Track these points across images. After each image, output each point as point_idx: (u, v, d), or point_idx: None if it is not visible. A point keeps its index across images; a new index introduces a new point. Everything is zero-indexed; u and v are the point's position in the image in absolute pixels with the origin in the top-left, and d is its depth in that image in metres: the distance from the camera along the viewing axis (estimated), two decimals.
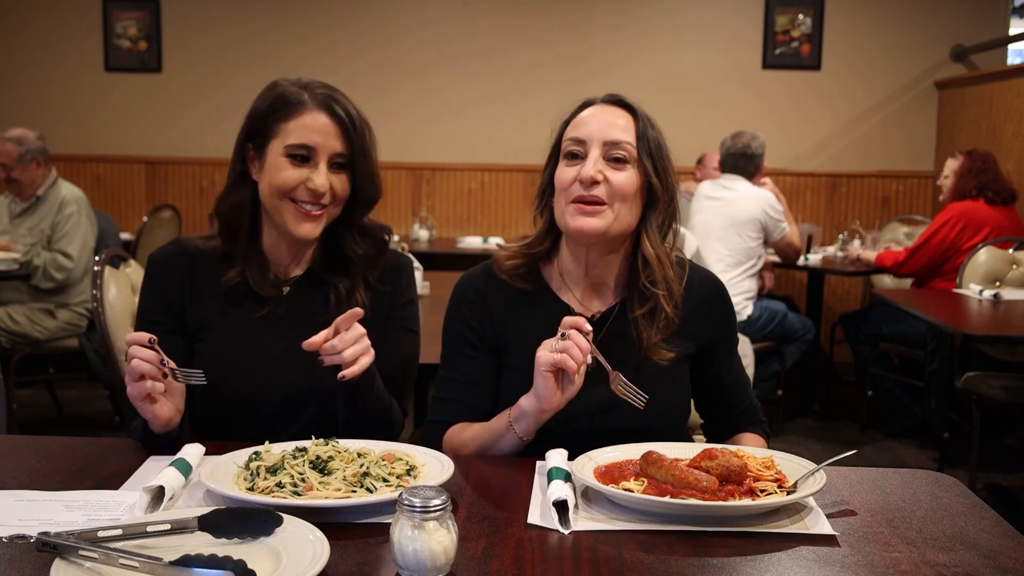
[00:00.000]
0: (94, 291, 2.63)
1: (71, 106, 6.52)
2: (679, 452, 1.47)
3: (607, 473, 1.43)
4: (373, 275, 1.78)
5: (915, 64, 6.27)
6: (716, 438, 1.80)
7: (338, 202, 1.72)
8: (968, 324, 3.58)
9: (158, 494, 1.34)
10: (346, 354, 1.53)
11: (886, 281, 5.37)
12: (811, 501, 1.39)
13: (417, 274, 3.46)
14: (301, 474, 1.35)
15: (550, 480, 1.37)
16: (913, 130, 6.31)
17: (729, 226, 4.56)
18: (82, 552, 1.10)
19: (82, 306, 4.32)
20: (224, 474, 1.39)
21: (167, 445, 1.59)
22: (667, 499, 1.31)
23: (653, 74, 6.27)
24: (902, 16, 6.23)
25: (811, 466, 1.43)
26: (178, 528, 1.19)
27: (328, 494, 1.32)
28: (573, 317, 1.54)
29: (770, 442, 1.79)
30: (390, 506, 1.24)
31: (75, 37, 6.50)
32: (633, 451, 1.49)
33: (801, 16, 6.23)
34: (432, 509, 1.11)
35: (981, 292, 3.96)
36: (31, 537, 1.15)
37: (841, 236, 5.50)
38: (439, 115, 6.43)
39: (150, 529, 1.18)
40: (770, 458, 1.46)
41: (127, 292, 2.47)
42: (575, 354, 1.50)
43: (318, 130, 1.68)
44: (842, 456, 1.49)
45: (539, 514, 1.33)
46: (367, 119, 1.76)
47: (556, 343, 1.51)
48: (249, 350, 1.72)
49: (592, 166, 1.62)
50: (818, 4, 6.21)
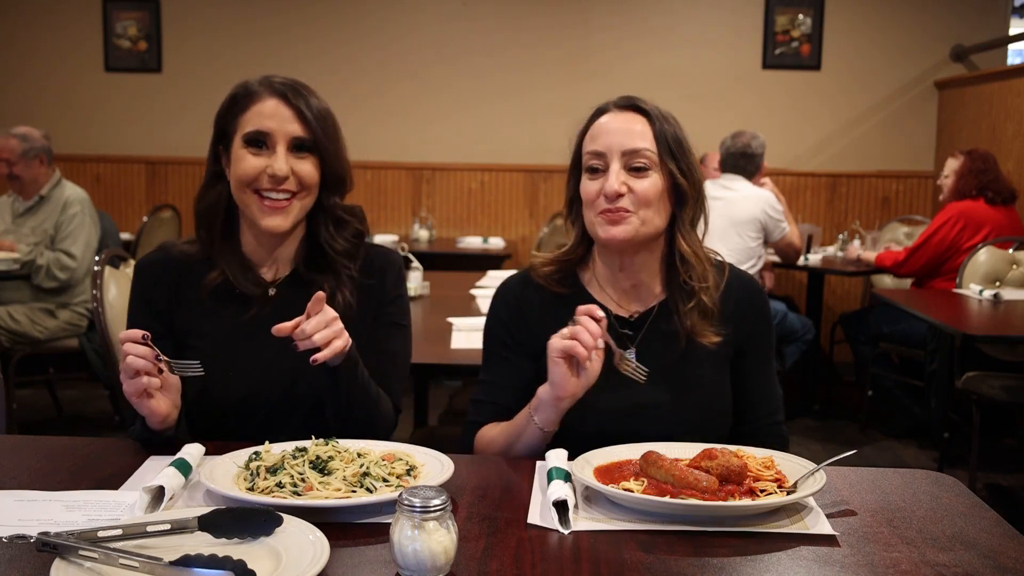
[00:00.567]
0: (94, 291, 2.63)
1: (71, 106, 6.52)
2: (679, 452, 1.47)
3: (607, 473, 1.43)
4: (355, 268, 1.78)
5: (915, 64, 6.27)
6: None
7: (307, 189, 1.70)
8: (968, 324, 3.58)
9: (158, 494, 1.34)
10: (316, 338, 1.52)
11: (886, 281, 5.36)
12: (811, 501, 1.38)
13: (417, 274, 3.47)
14: (301, 474, 1.35)
15: (550, 480, 1.37)
16: (913, 130, 6.31)
17: (729, 226, 4.56)
18: (82, 552, 1.10)
19: (83, 306, 4.32)
20: (224, 474, 1.39)
21: (166, 442, 1.59)
22: (667, 499, 1.31)
23: (653, 74, 6.27)
24: (902, 16, 6.23)
25: (811, 466, 1.43)
26: (178, 528, 1.19)
27: (328, 494, 1.32)
28: (587, 305, 1.54)
29: None
30: (390, 506, 1.24)
31: (75, 37, 6.50)
32: (633, 451, 1.49)
33: (801, 16, 6.23)
34: (432, 509, 1.11)
35: (981, 292, 3.96)
36: (31, 537, 1.15)
37: (841, 236, 5.50)
38: (439, 115, 6.43)
39: (150, 529, 1.18)
40: (770, 458, 1.46)
41: (127, 292, 2.47)
42: (584, 339, 1.50)
43: (270, 115, 1.68)
44: (842, 456, 1.49)
45: (539, 514, 1.33)
46: (330, 110, 1.75)
47: (567, 330, 1.52)
48: (239, 353, 1.71)
49: (614, 179, 1.62)
50: (818, 4, 6.21)
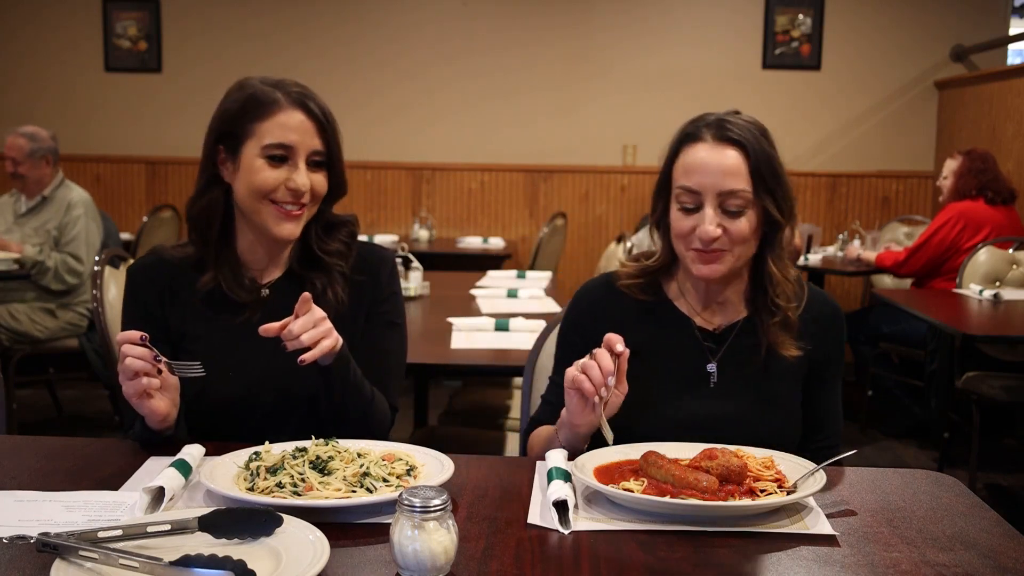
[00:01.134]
0: (94, 291, 2.63)
1: (71, 106, 6.52)
2: (679, 452, 1.47)
3: (607, 473, 1.43)
4: (347, 267, 1.77)
5: (915, 64, 6.27)
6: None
7: (316, 201, 1.71)
8: (968, 324, 3.58)
9: (158, 494, 1.34)
10: (304, 338, 1.52)
11: (886, 281, 5.36)
12: (811, 501, 1.38)
13: (417, 274, 3.47)
14: (301, 474, 1.35)
15: (550, 480, 1.37)
16: (913, 130, 6.31)
17: None
18: (82, 552, 1.10)
19: (83, 306, 4.32)
20: (224, 474, 1.39)
21: (165, 443, 1.59)
22: (667, 499, 1.31)
23: (653, 74, 6.27)
24: (902, 16, 6.23)
25: (811, 466, 1.43)
26: (178, 528, 1.19)
27: (328, 494, 1.32)
28: (611, 335, 1.50)
29: None
30: (390, 506, 1.24)
31: (75, 37, 6.50)
32: (633, 451, 1.49)
33: (801, 16, 6.23)
34: (432, 509, 1.11)
35: (981, 292, 3.96)
36: (31, 537, 1.15)
37: (841, 236, 5.50)
38: (439, 115, 6.43)
39: (150, 529, 1.18)
40: (770, 458, 1.46)
41: None
42: (594, 375, 1.47)
43: (295, 128, 1.66)
44: (842, 456, 1.49)
45: (539, 514, 1.33)
46: (333, 115, 1.74)
47: (582, 361, 1.50)
48: (234, 355, 1.71)
49: (709, 222, 1.58)
50: (818, 4, 6.21)
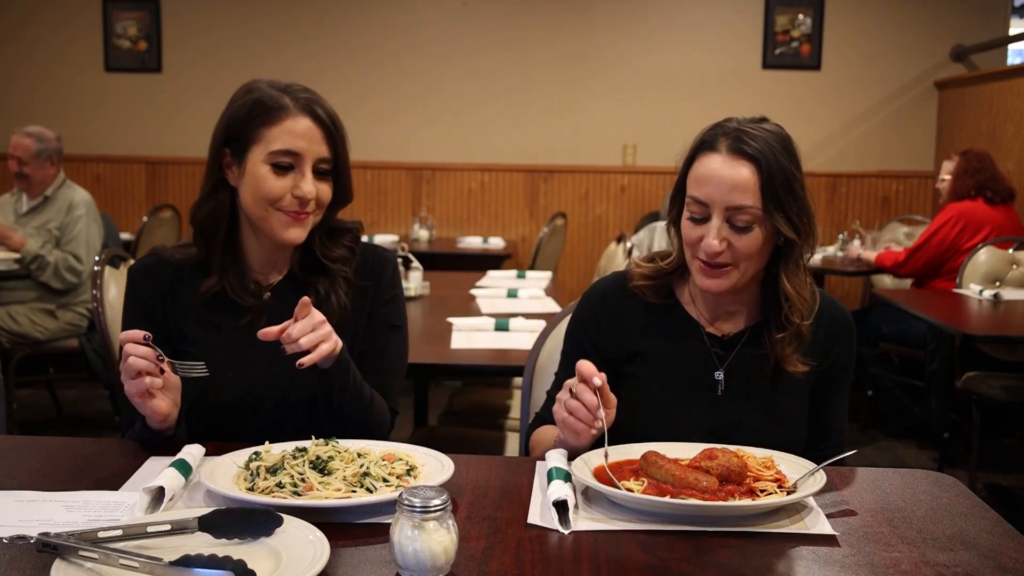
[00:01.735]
0: (94, 291, 2.63)
1: (71, 106, 6.52)
2: (679, 452, 1.47)
3: (607, 473, 1.43)
4: (350, 271, 1.77)
5: (915, 64, 6.27)
6: None
7: (321, 208, 1.70)
8: (968, 324, 3.58)
9: (158, 495, 1.34)
10: (302, 341, 1.51)
11: (886, 281, 5.36)
12: (811, 501, 1.38)
13: (417, 274, 3.47)
14: (301, 474, 1.35)
15: (550, 480, 1.37)
16: (913, 130, 6.31)
17: None
18: (82, 553, 1.10)
19: (83, 306, 4.32)
20: (224, 474, 1.39)
21: (165, 443, 1.59)
22: (667, 499, 1.31)
23: (653, 74, 6.27)
24: (902, 16, 6.23)
25: (811, 466, 1.43)
26: (178, 528, 1.19)
27: (328, 494, 1.32)
28: (586, 366, 1.47)
29: None
30: (390, 506, 1.24)
31: (75, 37, 6.50)
32: (633, 451, 1.49)
33: (801, 16, 6.23)
34: (432, 509, 1.11)
35: (981, 292, 3.96)
36: (31, 538, 1.15)
37: (841, 236, 5.50)
38: (439, 115, 6.43)
39: (150, 530, 1.18)
40: (770, 458, 1.46)
41: None
42: (583, 416, 1.46)
43: (302, 135, 1.65)
44: (842, 456, 1.49)
45: (539, 514, 1.33)
46: (341, 120, 1.72)
47: (568, 401, 1.48)
48: (235, 357, 1.70)
49: (714, 236, 1.56)
50: (818, 4, 6.21)
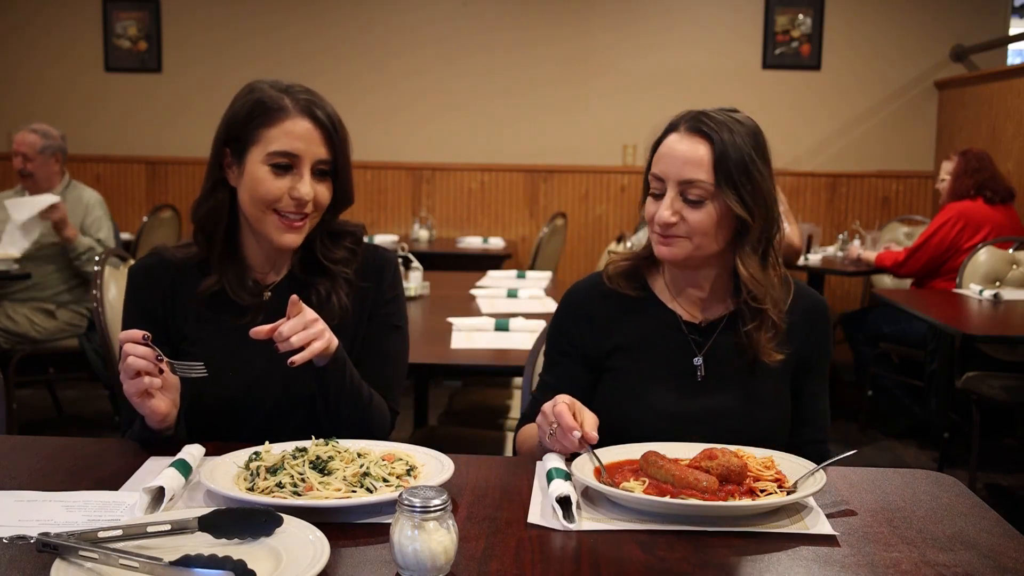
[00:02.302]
0: (94, 291, 2.63)
1: (71, 106, 6.52)
2: (679, 452, 1.47)
3: (607, 473, 1.43)
4: (351, 272, 1.77)
5: (915, 64, 6.27)
6: None
7: (319, 211, 1.70)
8: (968, 324, 3.58)
9: (158, 495, 1.34)
10: (293, 340, 1.52)
11: (886, 281, 5.36)
12: (811, 501, 1.39)
13: (417, 274, 3.47)
14: (301, 474, 1.35)
15: (550, 480, 1.37)
16: (913, 130, 6.31)
17: None
18: (82, 553, 1.10)
19: (82, 306, 4.32)
20: (224, 474, 1.39)
21: (165, 443, 1.58)
22: (667, 499, 1.31)
23: (653, 74, 6.27)
24: (902, 16, 6.23)
25: (811, 466, 1.43)
26: (178, 528, 1.19)
27: (328, 494, 1.32)
28: (560, 402, 1.48)
29: None
30: (390, 506, 1.24)
31: (75, 37, 6.50)
32: (633, 451, 1.49)
33: (801, 16, 6.23)
34: (432, 509, 1.11)
35: (981, 292, 3.96)
36: (31, 538, 1.15)
37: (841, 236, 5.50)
38: (439, 115, 6.43)
39: (150, 530, 1.18)
40: (770, 458, 1.46)
41: None
42: (568, 444, 1.45)
43: (300, 136, 1.64)
44: (842, 456, 1.49)
45: (539, 514, 1.33)
46: (342, 121, 1.72)
47: (548, 430, 1.48)
48: (234, 357, 1.70)
49: (666, 208, 1.62)
50: (818, 4, 6.21)
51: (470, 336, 2.75)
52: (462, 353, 2.60)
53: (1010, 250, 4.35)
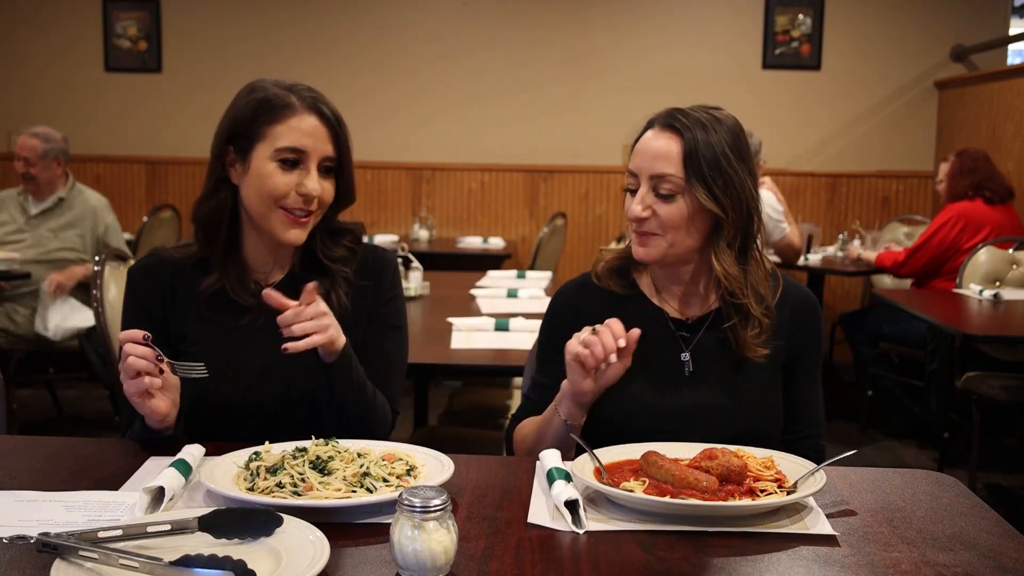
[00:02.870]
0: (94, 291, 2.63)
1: (71, 106, 6.52)
2: (679, 452, 1.47)
3: (607, 473, 1.43)
4: (350, 272, 1.77)
5: (915, 64, 6.27)
6: None
7: (323, 208, 1.71)
8: (968, 324, 3.58)
9: (158, 495, 1.34)
10: (294, 328, 1.53)
11: (886, 281, 5.36)
12: (811, 501, 1.39)
13: (417, 274, 3.47)
14: (301, 474, 1.35)
15: (551, 481, 1.37)
16: (913, 130, 6.31)
17: None
18: (82, 553, 1.10)
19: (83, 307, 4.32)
20: (224, 474, 1.39)
21: (165, 443, 1.58)
22: (667, 499, 1.31)
23: (653, 74, 6.27)
24: (902, 16, 6.23)
25: (811, 466, 1.43)
26: (178, 529, 1.19)
27: (328, 494, 1.32)
28: (617, 324, 1.58)
29: None
30: (390, 506, 1.24)
31: (75, 37, 6.50)
32: (633, 451, 1.49)
33: (801, 16, 6.23)
34: (432, 509, 1.11)
35: (981, 292, 3.96)
36: (31, 538, 1.15)
37: (841, 236, 5.50)
38: (439, 114, 6.43)
39: (150, 530, 1.18)
40: (770, 458, 1.46)
41: None
42: (596, 351, 1.55)
43: (308, 133, 1.65)
44: (842, 456, 1.49)
45: (539, 514, 1.33)
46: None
47: (585, 335, 1.57)
48: (234, 357, 1.70)
49: (638, 203, 1.64)
50: (818, 4, 6.21)
51: (470, 336, 2.75)
52: (462, 353, 2.60)
53: (1010, 250, 4.35)
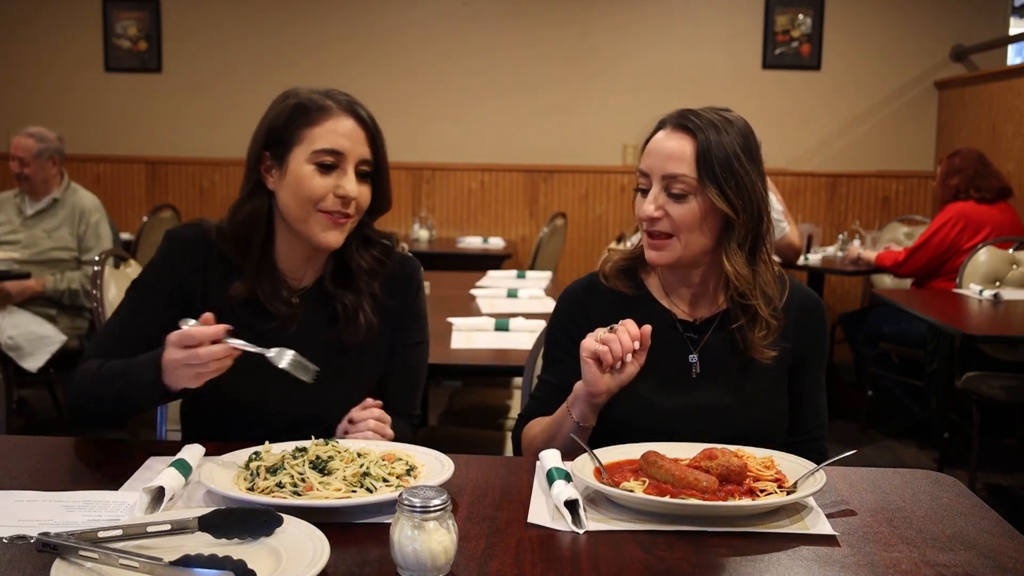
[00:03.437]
0: (94, 291, 2.63)
1: (71, 106, 6.52)
2: (679, 452, 1.47)
3: (607, 473, 1.43)
4: (376, 287, 1.76)
5: (915, 64, 6.27)
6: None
7: (360, 212, 1.69)
8: (968, 324, 3.58)
9: (158, 494, 1.34)
10: (368, 434, 1.61)
11: (886, 281, 5.36)
12: (811, 501, 1.39)
13: None
14: (301, 474, 1.35)
15: (551, 481, 1.37)
16: (913, 130, 6.31)
17: None
18: (82, 552, 1.10)
19: (83, 310, 4.31)
20: (224, 474, 1.40)
21: (165, 443, 1.58)
22: (667, 499, 1.31)
23: (653, 74, 6.27)
24: (902, 16, 6.23)
25: (811, 466, 1.43)
26: (178, 528, 1.19)
27: (328, 494, 1.32)
28: (633, 325, 1.58)
29: None
30: (390, 506, 1.24)
31: (75, 37, 6.50)
32: (633, 451, 1.49)
33: (801, 16, 6.23)
34: (432, 509, 1.11)
35: (981, 292, 3.96)
36: (31, 537, 1.15)
37: (841, 236, 5.49)
38: (439, 114, 6.43)
39: (150, 529, 1.18)
40: (770, 458, 1.46)
41: None
42: (615, 348, 1.55)
43: (345, 135, 1.64)
44: (842, 456, 1.49)
45: (539, 514, 1.33)
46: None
47: (602, 333, 1.57)
48: (257, 366, 1.65)
49: (651, 203, 1.64)
50: (818, 4, 6.21)
51: (470, 336, 2.75)
52: (462, 353, 2.60)
53: (1010, 250, 4.35)
